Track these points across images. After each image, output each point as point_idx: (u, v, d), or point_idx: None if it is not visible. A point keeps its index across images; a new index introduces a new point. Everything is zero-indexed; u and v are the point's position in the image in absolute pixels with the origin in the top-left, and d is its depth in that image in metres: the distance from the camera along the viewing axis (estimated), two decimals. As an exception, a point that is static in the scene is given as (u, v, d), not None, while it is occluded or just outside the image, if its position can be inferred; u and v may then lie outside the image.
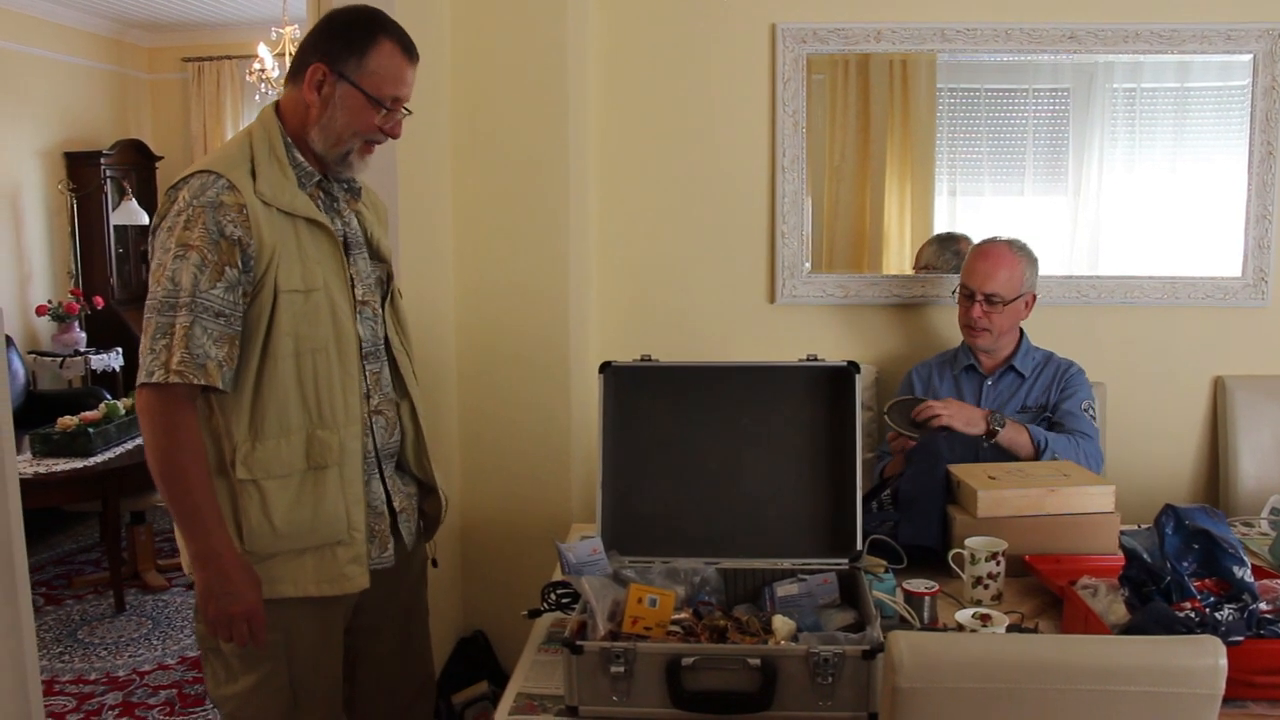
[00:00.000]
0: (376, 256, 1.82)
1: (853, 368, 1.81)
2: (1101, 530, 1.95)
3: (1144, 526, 1.65)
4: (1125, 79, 2.92)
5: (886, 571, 1.83)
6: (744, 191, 2.92)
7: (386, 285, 1.83)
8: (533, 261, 2.67)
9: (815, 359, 1.84)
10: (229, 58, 6.65)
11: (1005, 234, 2.57)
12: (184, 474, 1.58)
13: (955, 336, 2.76)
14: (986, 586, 1.83)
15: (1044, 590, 1.86)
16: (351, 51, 1.66)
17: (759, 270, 2.95)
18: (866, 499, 2.16)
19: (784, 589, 1.72)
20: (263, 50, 5.55)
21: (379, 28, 1.69)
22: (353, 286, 1.74)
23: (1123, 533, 1.60)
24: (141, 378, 1.57)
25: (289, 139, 1.69)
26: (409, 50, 1.71)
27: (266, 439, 1.63)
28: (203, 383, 1.56)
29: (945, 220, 3.06)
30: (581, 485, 2.80)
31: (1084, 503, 1.97)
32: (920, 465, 2.17)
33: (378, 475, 1.77)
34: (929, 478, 2.12)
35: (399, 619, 1.90)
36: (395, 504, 1.81)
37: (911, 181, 3.04)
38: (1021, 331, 2.56)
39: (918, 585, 1.76)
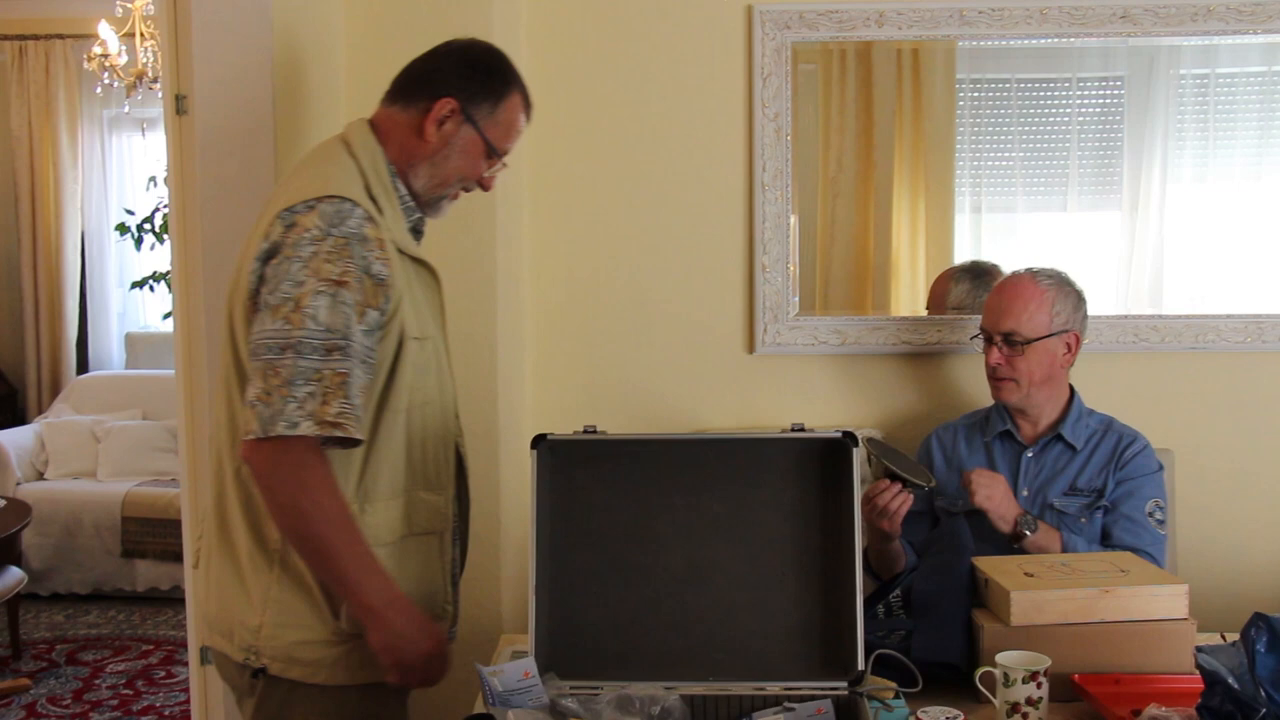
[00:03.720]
0: None
1: (849, 440, 1.83)
2: (1171, 642, 1.96)
3: (1229, 640, 1.66)
4: (1195, 63, 2.95)
5: (896, 697, 1.83)
6: (715, 216, 2.95)
7: None
8: (451, 310, 2.66)
9: (802, 429, 1.85)
10: (60, 37, 6.62)
11: (1041, 264, 2.59)
12: (344, 528, 1.74)
13: (982, 392, 2.79)
14: (1025, 716, 1.83)
15: None
16: (487, 96, 1.92)
17: (734, 313, 2.97)
18: (869, 602, 2.17)
19: (767, 721, 1.71)
20: (105, 30, 5.55)
21: (514, 79, 1.97)
22: None
23: (1200, 649, 1.62)
24: (280, 429, 1.66)
25: (392, 166, 1.90)
26: (529, 107, 2.01)
27: (376, 501, 1.84)
28: (359, 436, 1.72)
29: (968, 246, 3.08)
30: (513, 588, 2.78)
31: (1148, 607, 1.98)
32: (940, 559, 2.19)
33: (455, 542, 2.00)
34: (950, 575, 2.13)
35: None
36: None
37: (926, 198, 3.06)
38: (1072, 391, 2.58)
39: (937, 715, 1.76)
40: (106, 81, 5.68)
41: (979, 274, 2.97)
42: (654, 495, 1.88)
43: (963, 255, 3.06)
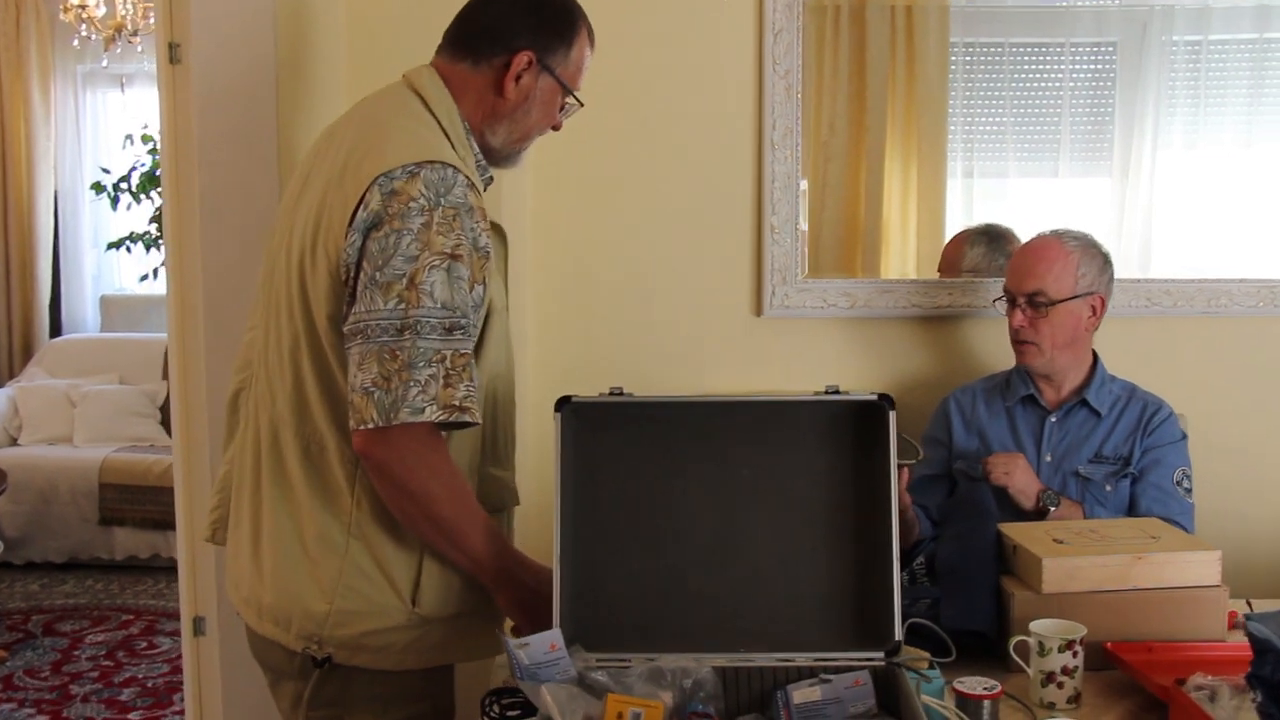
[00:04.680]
0: None
1: (885, 402, 1.78)
2: (1205, 609, 1.95)
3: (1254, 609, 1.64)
4: (1188, 29, 2.96)
5: (931, 667, 1.80)
6: (723, 176, 2.89)
7: None
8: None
9: (836, 391, 1.81)
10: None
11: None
12: (471, 506, 1.75)
13: (996, 357, 2.80)
14: (1061, 685, 1.82)
15: (1134, 689, 1.85)
16: (560, 41, 1.85)
17: (742, 274, 2.93)
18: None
19: (802, 694, 1.67)
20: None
21: (579, 13, 1.90)
22: None
23: (1249, 616, 1.59)
24: (404, 415, 1.61)
25: (466, 124, 1.82)
26: (593, 35, 1.93)
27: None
28: (480, 420, 1.69)
29: (960, 211, 3.07)
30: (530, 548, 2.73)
31: (1181, 574, 1.97)
32: (964, 524, 2.16)
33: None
34: (976, 540, 2.11)
35: None
36: None
37: (918, 161, 3.04)
38: (1095, 356, 2.56)
39: (974, 686, 1.73)
40: (83, 34, 5.52)
41: (995, 237, 2.95)
42: (681, 460, 1.83)
43: (954, 220, 3.05)
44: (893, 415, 1.77)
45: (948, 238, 3.05)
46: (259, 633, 1.85)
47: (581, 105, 1.94)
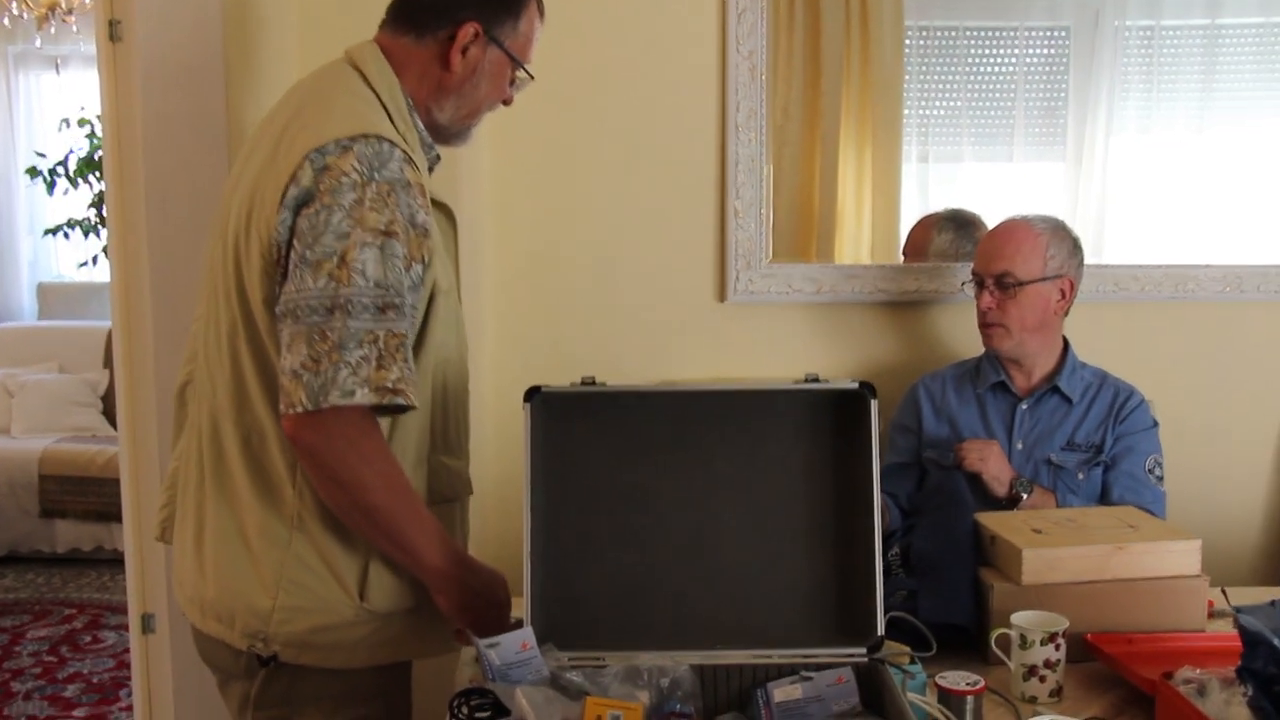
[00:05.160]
0: None
1: (866, 390, 1.73)
2: (1185, 599, 1.93)
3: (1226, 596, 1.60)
4: (1140, 14, 2.94)
5: (913, 662, 1.76)
6: (685, 158, 2.85)
7: None
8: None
9: (816, 379, 1.76)
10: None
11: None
12: (406, 496, 1.64)
13: (964, 344, 2.77)
14: (1043, 679, 1.78)
15: (1117, 681, 1.81)
16: (507, 11, 1.78)
17: (705, 260, 2.89)
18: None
19: (783, 692, 1.63)
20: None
21: None
22: None
23: (1239, 609, 1.55)
24: (334, 398, 1.53)
25: (409, 100, 1.75)
26: (542, 6, 1.86)
27: (404, 470, 1.68)
28: (416, 404, 1.60)
29: (915, 196, 3.04)
30: (484, 550, 2.64)
31: (1161, 564, 1.95)
32: (939, 514, 2.13)
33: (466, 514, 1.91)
34: (953, 531, 2.08)
35: None
36: None
37: (872, 146, 3.01)
38: (1066, 342, 2.53)
39: (956, 681, 1.69)
40: (14, 13, 5.34)
41: (962, 223, 2.93)
42: (656, 452, 1.77)
43: (909, 205, 3.03)
44: (874, 404, 1.72)
45: (903, 223, 3.02)
46: (204, 631, 1.77)
47: (532, 78, 1.86)
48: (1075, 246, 2.48)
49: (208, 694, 2.02)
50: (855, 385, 1.74)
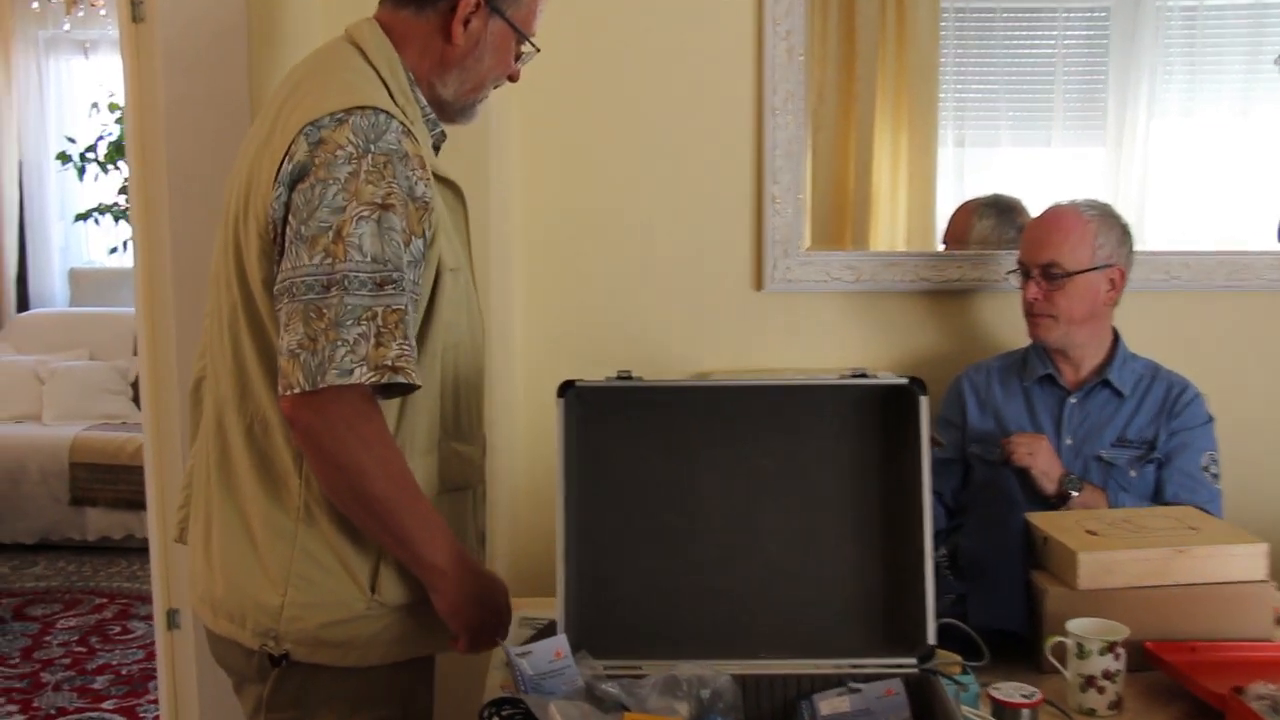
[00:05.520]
0: None
1: (916, 386, 1.65)
2: (1250, 606, 1.84)
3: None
4: None
5: (964, 673, 1.67)
6: (721, 143, 2.78)
7: None
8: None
9: (863, 374, 1.68)
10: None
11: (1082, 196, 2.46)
12: (407, 485, 1.59)
13: (1009, 334, 2.69)
14: (1102, 690, 1.70)
15: (1179, 693, 1.73)
16: None
17: (741, 247, 2.82)
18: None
19: (830, 704, 1.56)
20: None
21: None
22: None
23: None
24: (331, 378, 1.49)
25: (410, 75, 1.71)
26: None
27: (414, 456, 1.65)
28: (419, 382, 1.55)
29: (951, 181, 3.00)
30: (508, 546, 2.63)
31: (1224, 568, 1.85)
32: (989, 513, 2.04)
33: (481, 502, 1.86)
34: (1003, 531, 1.99)
35: None
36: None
37: (908, 131, 2.97)
38: (1116, 333, 2.44)
39: (1011, 693, 1.62)
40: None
41: (1004, 209, 2.87)
42: (695, 449, 1.70)
43: (945, 191, 2.98)
44: (924, 400, 1.64)
45: (939, 209, 2.97)
46: (216, 632, 1.73)
47: (537, 50, 1.80)
48: (1125, 234, 2.39)
49: (233, 691, 1.97)
50: (905, 381, 1.66)
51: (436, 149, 1.78)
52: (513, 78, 1.81)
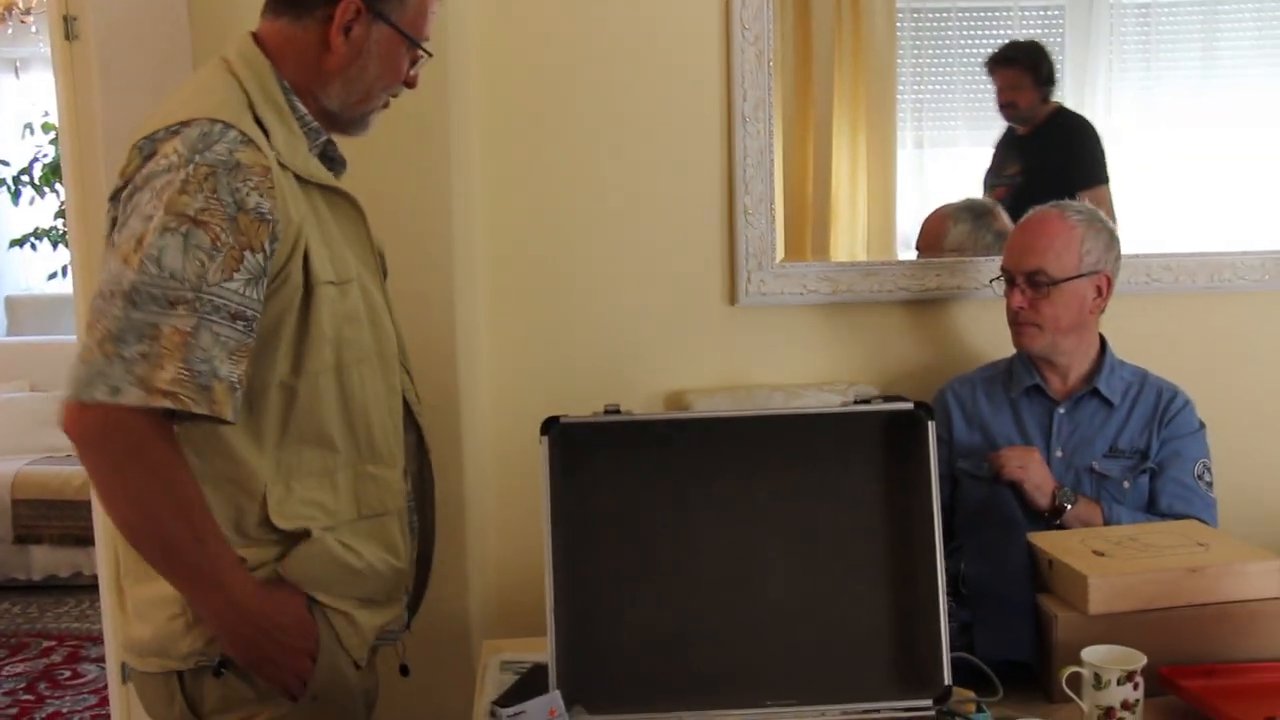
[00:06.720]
0: None
1: (923, 412, 1.57)
2: (1267, 625, 1.77)
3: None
4: None
5: (980, 710, 1.59)
6: (690, 154, 2.72)
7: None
8: (398, 262, 2.36)
9: (866, 400, 1.61)
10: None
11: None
12: (199, 524, 1.51)
13: (992, 343, 2.62)
14: (1122, 721, 1.61)
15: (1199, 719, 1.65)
16: None
17: (713, 261, 2.75)
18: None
19: (843, 753, 1.47)
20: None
21: None
22: None
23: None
24: (98, 393, 1.42)
25: (285, 84, 1.65)
26: None
27: (305, 478, 1.61)
28: (205, 411, 1.46)
29: (911, 184, 2.98)
30: (482, 581, 2.54)
31: (1238, 586, 1.78)
32: (989, 535, 1.96)
33: (408, 527, 1.79)
34: (1006, 554, 1.90)
35: None
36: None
37: (867, 134, 2.95)
38: (1103, 340, 2.38)
39: (1029, 730, 1.52)
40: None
41: (979, 214, 2.83)
42: (689, 486, 1.64)
43: (906, 194, 2.97)
44: (932, 426, 1.56)
45: (899, 213, 2.96)
46: (142, 670, 1.67)
47: (430, 55, 1.75)
48: (1112, 239, 2.33)
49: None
50: (910, 406, 1.58)
51: (329, 159, 1.73)
52: (409, 84, 1.75)
